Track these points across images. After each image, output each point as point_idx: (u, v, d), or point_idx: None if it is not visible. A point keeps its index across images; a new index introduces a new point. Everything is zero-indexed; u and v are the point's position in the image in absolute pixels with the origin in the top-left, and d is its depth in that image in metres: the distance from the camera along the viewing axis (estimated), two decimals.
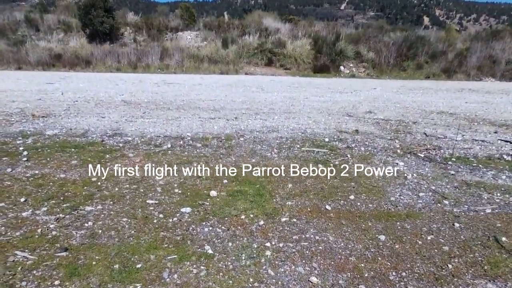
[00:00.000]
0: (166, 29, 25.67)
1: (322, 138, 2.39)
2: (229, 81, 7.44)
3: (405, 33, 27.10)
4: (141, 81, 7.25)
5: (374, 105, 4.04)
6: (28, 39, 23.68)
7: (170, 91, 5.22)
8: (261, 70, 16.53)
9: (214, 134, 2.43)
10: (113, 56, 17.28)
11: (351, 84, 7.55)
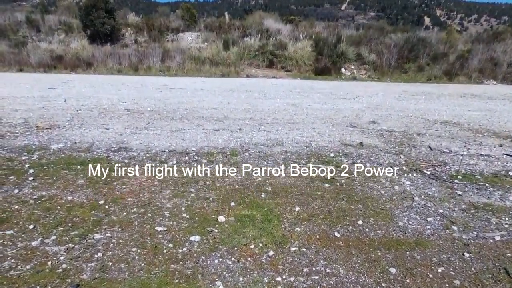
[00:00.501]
0: (167, 30, 25.74)
1: (327, 152, 2.39)
2: (231, 86, 7.44)
3: (406, 34, 27.12)
4: (143, 85, 7.26)
5: (377, 113, 4.04)
6: (29, 40, 23.77)
7: (172, 97, 5.22)
8: (262, 72, 16.55)
9: (219, 148, 2.43)
10: (114, 58, 17.31)
11: (352, 89, 7.55)
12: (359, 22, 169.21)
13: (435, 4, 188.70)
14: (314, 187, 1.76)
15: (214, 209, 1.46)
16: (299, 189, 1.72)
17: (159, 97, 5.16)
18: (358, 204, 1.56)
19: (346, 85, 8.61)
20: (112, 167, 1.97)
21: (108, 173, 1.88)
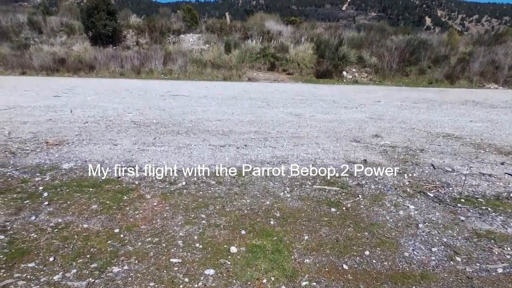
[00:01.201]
0: (168, 31, 25.87)
1: (332, 172, 2.44)
2: (233, 92, 7.49)
3: (408, 36, 27.25)
4: (146, 92, 7.31)
5: (380, 125, 4.08)
6: (31, 41, 23.88)
7: (176, 106, 5.27)
8: (264, 75, 16.61)
9: (226, 166, 2.48)
10: (116, 61, 17.40)
11: (354, 95, 7.59)
12: (360, 22, 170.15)
13: (436, 4, 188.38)
14: (321, 212, 1.81)
15: (226, 238, 1.51)
16: (307, 214, 1.77)
17: (164, 106, 5.21)
18: (365, 231, 1.61)
19: (348, 91, 8.65)
20: (124, 190, 2.02)
21: (120, 196, 1.93)
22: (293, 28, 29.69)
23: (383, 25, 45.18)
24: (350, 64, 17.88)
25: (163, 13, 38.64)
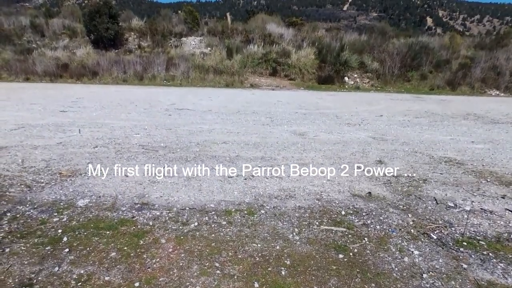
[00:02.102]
0: (170, 34, 25.96)
1: (338, 208, 2.52)
2: (237, 105, 7.57)
3: (409, 39, 27.30)
4: (151, 105, 7.40)
5: (383, 148, 4.16)
6: (34, 45, 24.03)
7: (182, 124, 5.36)
8: (266, 81, 16.70)
9: (236, 203, 2.57)
10: (119, 66, 17.49)
11: (357, 108, 7.66)
12: (361, 22, 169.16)
13: (437, 4, 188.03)
14: (329, 259, 1.89)
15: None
16: (316, 262, 1.86)
17: (170, 125, 5.30)
18: (372, 283, 1.70)
19: (350, 101, 8.72)
20: (139, 233, 2.11)
21: (136, 241, 2.02)
22: (294, 30, 29.81)
23: (384, 26, 45.18)
24: (351, 70, 17.96)
25: (165, 15, 38.76)
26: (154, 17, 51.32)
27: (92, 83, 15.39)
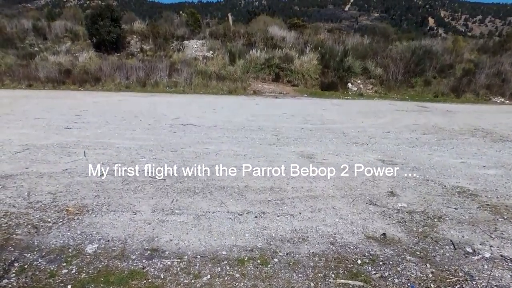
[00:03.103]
0: (172, 37, 25.98)
1: (353, 255, 2.45)
2: (241, 119, 7.50)
3: (412, 42, 27.24)
4: (156, 119, 7.34)
5: (394, 176, 4.09)
6: (37, 48, 24.10)
7: (188, 144, 5.29)
8: (269, 87, 16.66)
9: (248, 249, 2.50)
10: (121, 72, 17.49)
11: (363, 122, 7.58)
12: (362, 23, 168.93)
13: (439, 5, 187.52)
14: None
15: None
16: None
17: (175, 145, 5.24)
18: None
19: (355, 113, 8.63)
20: (151, 287, 2.05)
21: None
22: (296, 33, 29.76)
23: (386, 27, 45.18)
24: (355, 75, 17.89)
25: (166, 17, 38.81)
26: (156, 18, 51.56)
27: (95, 90, 15.38)
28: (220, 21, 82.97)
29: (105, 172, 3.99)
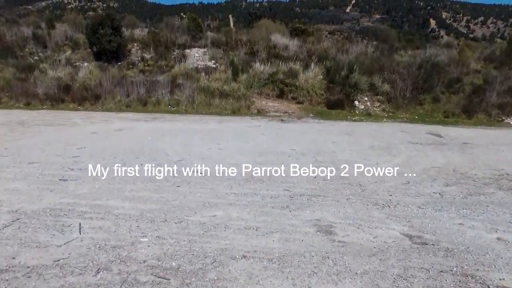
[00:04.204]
0: (173, 45, 25.66)
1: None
2: (248, 159, 7.02)
3: (417, 51, 26.83)
4: (157, 162, 6.88)
5: (428, 268, 3.62)
6: (36, 57, 23.82)
7: (193, 208, 4.82)
8: (273, 105, 16.25)
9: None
10: (122, 88, 17.12)
11: (377, 161, 7.09)
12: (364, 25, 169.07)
13: (440, 6, 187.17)
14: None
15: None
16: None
17: (179, 209, 4.76)
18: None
19: (367, 146, 8.13)
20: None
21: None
22: (299, 41, 29.34)
23: (388, 32, 44.72)
24: (361, 92, 17.43)
25: (167, 22, 38.46)
26: (157, 20, 50.59)
27: (95, 110, 14.95)
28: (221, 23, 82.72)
29: (101, 266, 3.52)
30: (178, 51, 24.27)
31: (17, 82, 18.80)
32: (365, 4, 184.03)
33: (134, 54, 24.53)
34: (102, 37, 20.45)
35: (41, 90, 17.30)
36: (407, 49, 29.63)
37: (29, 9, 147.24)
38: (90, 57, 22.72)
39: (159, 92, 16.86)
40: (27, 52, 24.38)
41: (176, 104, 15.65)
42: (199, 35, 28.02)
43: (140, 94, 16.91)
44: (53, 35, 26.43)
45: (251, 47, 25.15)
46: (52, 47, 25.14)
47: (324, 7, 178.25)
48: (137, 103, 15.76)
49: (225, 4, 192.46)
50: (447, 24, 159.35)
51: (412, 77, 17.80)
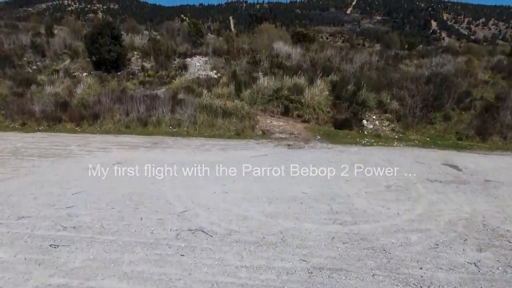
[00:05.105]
0: (174, 54, 25.10)
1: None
2: (257, 212, 6.41)
3: (423, 60, 26.27)
4: (159, 216, 6.29)
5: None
6: (34, 67, 23.42)
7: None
8: (278, 124, 15.68)
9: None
10: (121, 105, 16.53)
11: (398, 211, 6.49)
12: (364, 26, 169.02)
13: (441, 7, 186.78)
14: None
15: None
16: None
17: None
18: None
19: (383, 186, 7.46)
20: None
21: None
22: (302, 49, 28.75)
23: (391, 37, 44.03)
24: (369, 110, 16.83)
25: (168, 28, 38.01)
26: (157, 22, 50.01)
27: (93, 131, 14.36)
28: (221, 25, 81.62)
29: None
30: (179, 60, 23.68)
31: (14, 97, 18.23)
32: (365, 5, 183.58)
33: (134, 63, 23.93)
34: (101, 46, 19.86)
35: (38, 108, 16.72)
36: (412, 58, 29.05)
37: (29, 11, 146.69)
38: (89, 67, 22.13)
39: (160, 111, 16.27)
40: (26, 61, 23.80)
41: (177, 125, 15.06)
42: (200, 40, 27.43)
43: (140, 112, 16.32)
44: (52, 44, 25.86)
45: (253, 56, 24.57)
46: (51, 56, 24.56)
47: (324, 8, 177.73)
48: (137, 123, 15.16)
49: (226, 5, 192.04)
50: (448, 26, 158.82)
51: (421, 93, 17.21)
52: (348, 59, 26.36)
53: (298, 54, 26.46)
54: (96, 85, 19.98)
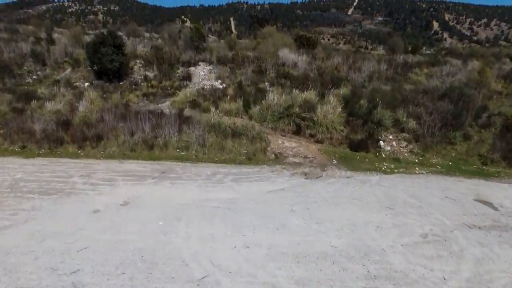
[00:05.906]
0: (177, 62, 24.34)
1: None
2: (284, 269, 5.64)
3: (433, 69, 25.86)
4: (175, 280, 5.53)
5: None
6: (35, 76, 22.92)
7: None
8: (291, 146, 14.94)
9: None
10: (125, 123, 15.76)
11: (444, 277, 5.73)
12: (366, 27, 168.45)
13: (443, 8, 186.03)
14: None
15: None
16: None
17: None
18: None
19: (418, 235, 6.68)
20: None
21: None
22: (308, 57, 28.10)
23: (395, 40, 43.09)
24: (386, 129, 16.07)
25: (169, 32, 37.19)
26: (158, 23, 49.21)
27: (96, 155, 13.59)
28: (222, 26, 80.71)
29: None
30: (182, 69, 22.91)
31: (13, 114, 17.51)
32: (366, 6, 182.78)
33: (137, 72, 23.15)
34: (103, 56, 19.10)
35: (38, 127, 15.98)
36: (422, 66, 28.29)
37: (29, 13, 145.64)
38: (90, 76, 21.33)
39: (166, 131, 15.51)
40: (26, 70, 23.05)
41: (185, 148, 14.30)
42: (203, 45, 26.67)
43: (145, 132, 15.57)
44: (53, 52, 25.10)
45: (259, 64, 23.81)
46: (52, 65, 23.80)
47: (325, 9, 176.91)
48: (143, 146, 14.40)
49: (226, 6, 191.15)
50: (450, 26, 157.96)
51: (439, 111, 16.46)
52: (356, 67, 25.60)
53: (304, 62, 25.70)
54: (98, 100, 19.23)
